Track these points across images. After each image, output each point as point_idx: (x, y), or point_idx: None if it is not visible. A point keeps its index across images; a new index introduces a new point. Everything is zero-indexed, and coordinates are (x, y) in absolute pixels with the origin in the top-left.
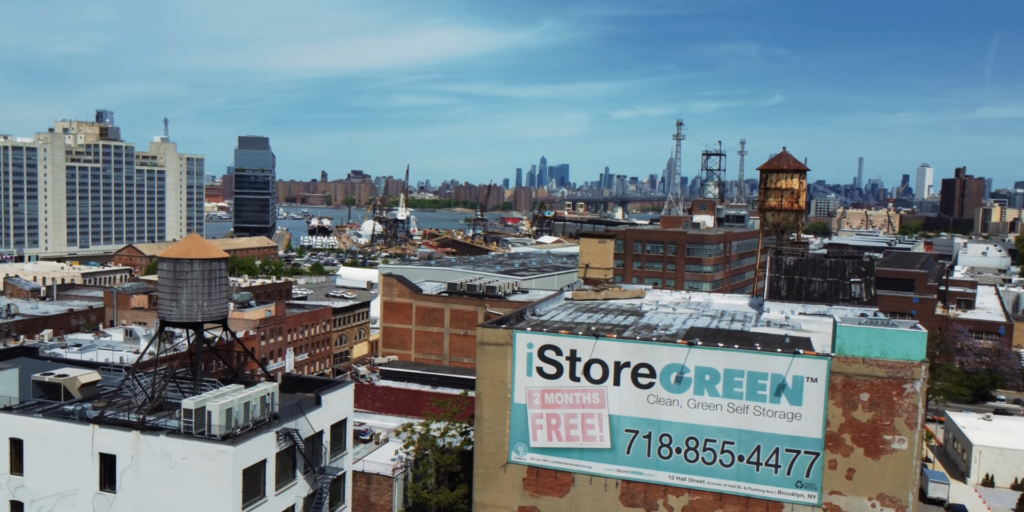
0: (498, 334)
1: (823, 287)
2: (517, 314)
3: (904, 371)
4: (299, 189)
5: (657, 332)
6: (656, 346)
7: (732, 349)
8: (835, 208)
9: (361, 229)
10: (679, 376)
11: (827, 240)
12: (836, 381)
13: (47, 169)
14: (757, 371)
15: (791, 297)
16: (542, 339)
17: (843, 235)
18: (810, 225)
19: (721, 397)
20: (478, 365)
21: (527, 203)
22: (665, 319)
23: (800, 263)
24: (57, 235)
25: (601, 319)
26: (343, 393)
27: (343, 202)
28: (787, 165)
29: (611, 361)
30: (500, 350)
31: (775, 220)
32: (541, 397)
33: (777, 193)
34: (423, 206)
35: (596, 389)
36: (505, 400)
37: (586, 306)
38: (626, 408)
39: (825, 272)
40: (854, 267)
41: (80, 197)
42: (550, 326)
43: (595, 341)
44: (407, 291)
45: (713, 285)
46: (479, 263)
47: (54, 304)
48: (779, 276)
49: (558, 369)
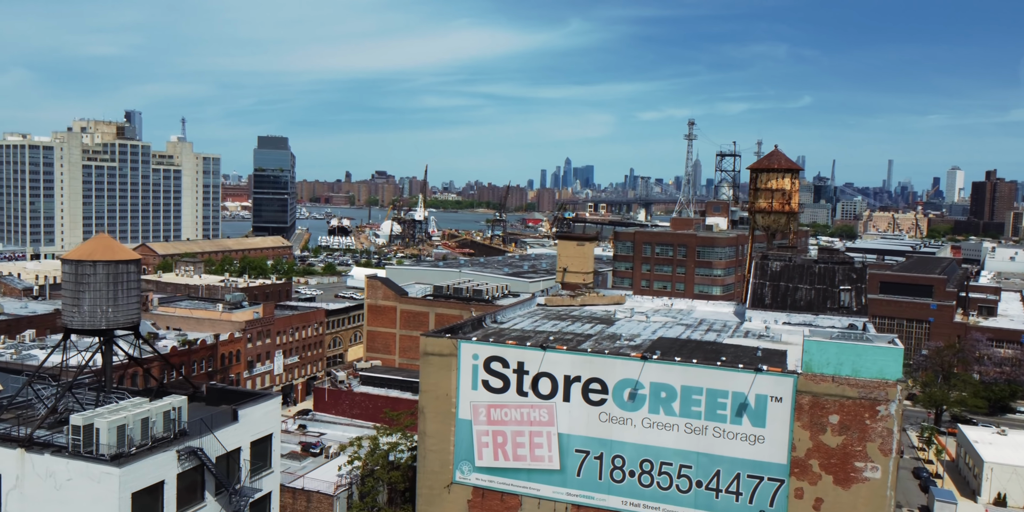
0: (442, 344)
1: (810, 295)
2: (474, 321)
3: (877, 391)
4: (323, 189)
5: (620, 343)
6: (608, 359)
7: (689, 364)
8: (862, 211)
9: (380, 229)
10: (633, 392)
11: (850, 243)
12: (803, 401)
13: (63, 168)
14: (717, 389)
15: (775, 305)
16: (488, 350)
17: (867, 238)
18: (836, 228)
19: (678, 416)
20: (421, 377)
21: (550, 204)
22: (635, 328)
23: (787, 269)
24: (73, 233)
25: (566, 327)
26: (266, 407)
27: (366, 202)
28: (778, 164)
29: (560, 375)
30: (444, 361)
31: (765, 222)
32: (487, 413)
33: (767, 194)
34: (446, 207)
35: (545, 405)
36: (450, 415)
37: (556, 313)
38: (576, 426)
39: (813, 279)
40: (844, 274)
41: (96, 196)
42: (500, 336)
43: (543, 353)
44: (391, 294)
45: (724, 289)
46: (488, 265)
47: (45, 303)
48: (763, 283)
49: (505, 383)
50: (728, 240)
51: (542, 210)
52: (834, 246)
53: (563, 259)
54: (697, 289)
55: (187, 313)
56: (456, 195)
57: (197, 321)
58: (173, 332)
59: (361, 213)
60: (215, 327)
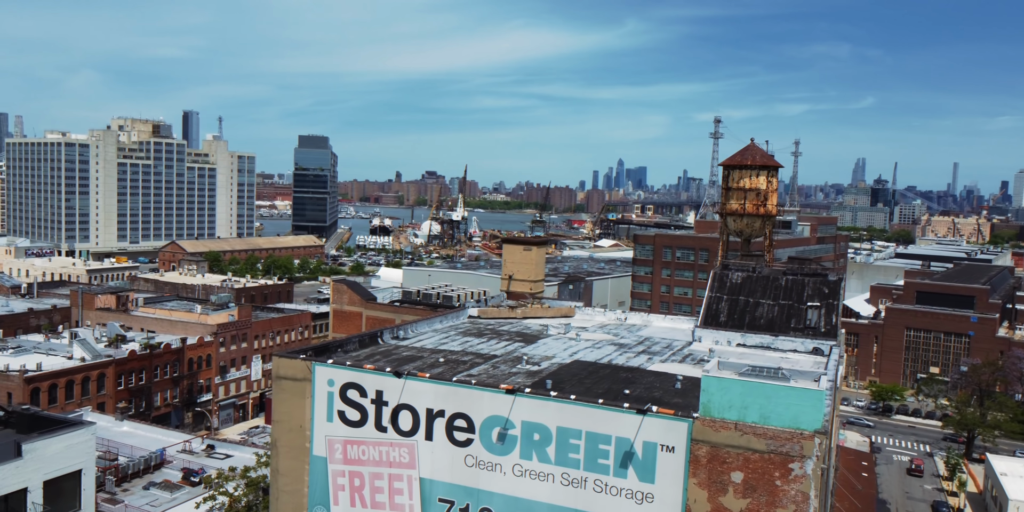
0: (295, 366)
1: (772, 312)
2: (368, 337)
3: (790, 445)
4: (374, 189)
5: (520, 367)
6: (475, 391)
7: (565, 401)
8: (920, 215)
9: (420, 229)
10: (502, 433)
11: (902, 249)
12: (699, 452)
13: (99, 165)
14: (597, 432)
15: (731, 323)
16: (345, 375)
17: (922, 244)
18: (893, 233)
19: (553, 464)
20: (274, 405)
21: (599, 205)
22: (555, 348)
23: (749, 281)
24: (108, 231)
25: (475, 346)
26: (71, 439)
27: (415, 202)
28: (751, 160)
29: (423, 408)
30: (298, 387)
31: (737, 227)
32: (343, 450)
33: (739, 194)
34: (493, 207)
35: (405, 444)
36: (304, 451)
37: (480, 328)
38: (440, 471)
39: (778, 293)
40: (815, 288)
41: (131, 193)
42: (384, 356)
43: (403, 381)
44: (357, 299)
45: None
46: None
47: (31, 302)
48: (720, 296)
49: (362, 415)
50: (755, 244)
51: (590, 211)
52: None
53: (509, 265)
54: None
55: (166, 315)
56: (505, 196)
57: (170, 323)
58: (148, 334)
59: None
60: (188, 330)
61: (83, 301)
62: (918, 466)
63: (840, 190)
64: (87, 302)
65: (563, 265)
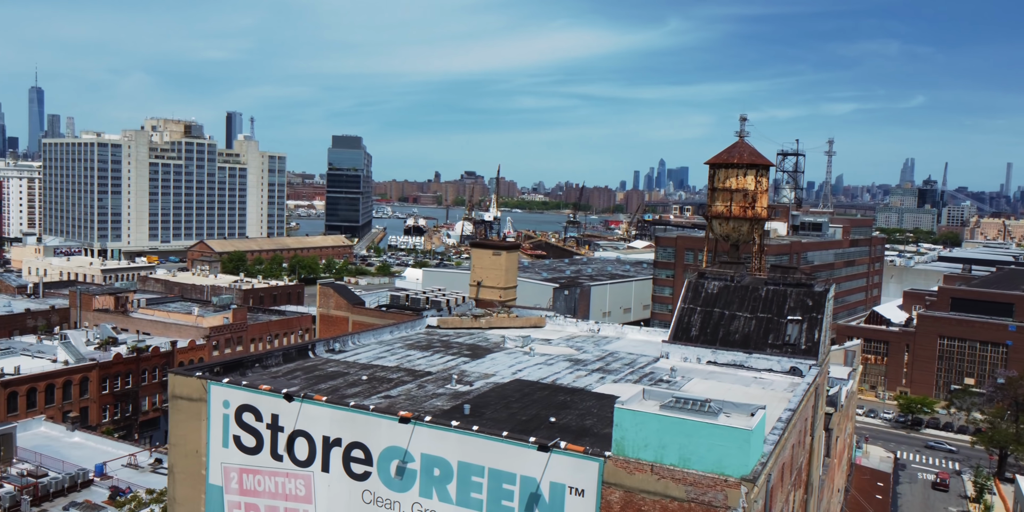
0: (190, 385)
1: (749, 326)
2: (298, 349)
3: (712, 493)
4: (412, 189)
5: (449, 387)
6: (372, 419)
7: (466, 432)
8: (969, 217)
9: (454, 230)
10: (401, 466)
11: (946, 252)
12: (611, 497)
13: (131, 165)
14: (501, 470)
15: (703, 338)
16: (240, 396)
17: (968, 247)
18: (940, 235)
19: (454, 504)
20: (170, 426)
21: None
22: (499, 365)
23: (726, 291)
24: (139, 230)
25: (417, 360)
26: None
27: (453, 202)
28: (738, 158)
29: (319, 435)
30: (194, 408)
31: (723, 231)
32: (239, 479)
33: (726, 195)
34: (531, 207)
35: (301, 474)
36: (200, 478)
37: (432, 340)
38: (337, 506)
39: (756, 305)
40: (797, 300)
41: (162, 193)
42: (305, 373)
43: (299, 405)
44: (344, 303)
45: None
46: (530, 269)
47: (34, 302)
48: (693, 308)
49: (258, 441)
50: (778, 247)
51: (629, 212)
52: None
53: (477, 271)
54: None
55: (164, 316)
56: (544, 196)
57: (165, 326)
58: (143, 337)
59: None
60: (182, 332)
61: (81, 302)
62: (943, 480)
63: (887, 191)
64: (85, 303)
65: (586, 267)
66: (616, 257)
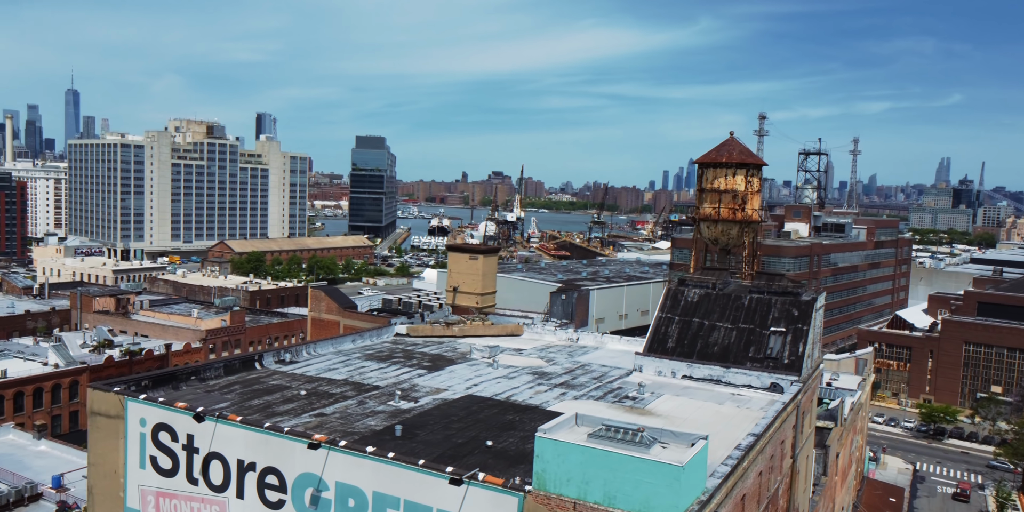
0: (108, 401)
1: (729, 338)
2: (242, 360)
3: None
4: (440, 189)
5: (393, 404)
6: (287, 442)
7: (383, 460)
8: (1006, 217)
9: (476, 230)
10: (316, 495)
11: (979, 253)
12: None
13: (154, 166)
14: (417, 502)
15: (679, 351)
16: (157, 414)
17: (1003, 248)
18: (975, 236)
19: None
20: (89, 444)
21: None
22: (456, 378)
23: (706, 300)
24: (162, 230)
25: (364, 374)
26: None
27: (480, 202)
28: (727, 157)
29: (234, 459)
30: (112, 425)
31: (711, 234)
32: (156, 503)
33: (714, 196)
34: (558, 207)
35: (216, 500)
36: (118, 501)
37: (393, 350)
38: None
39: (739, 315)
40: (782, 309)
41: (184, 193)
42: (243, 387)
43: (214, 425)
44: (335, 307)
45: None
46: (545, 270)
47: (38, 303)
48: (671, 318)
49: (174, 463)
50: (796, 249)
51: (657, 212)
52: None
53: (453, 276)
54: None
55: (164, 319)
56: (571, 196)
57: (163, 328)
58: (139, 339)
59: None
60: (179, 335)
61: (82, 304)
62: (964, 491)
63: (922, 191)
64: (85, 305)
65: (604, 268)
66: (636, 258)
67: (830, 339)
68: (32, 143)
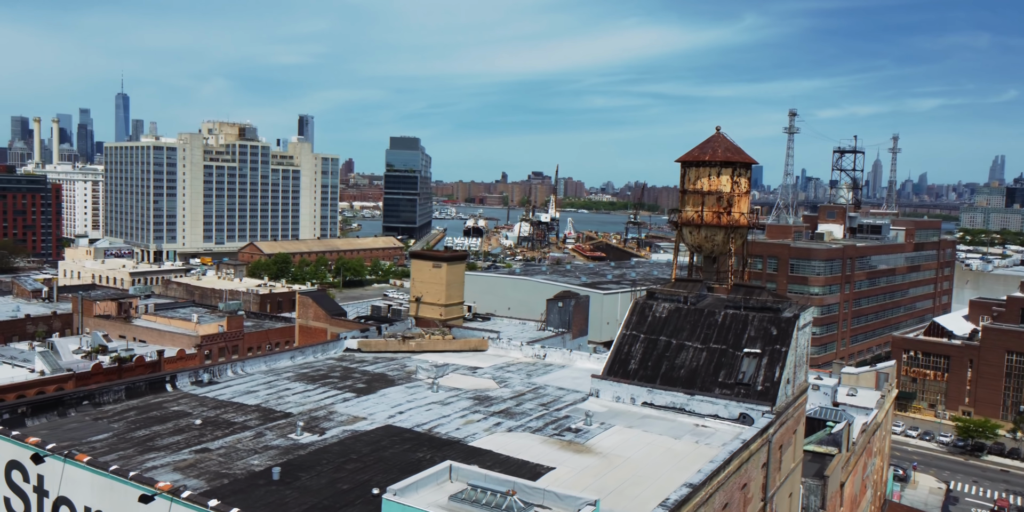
0: None
1: (698, 359)
2: (150, 382)
3: None
4: (479, 190)
5: (291, 438)
6: (128, 487)
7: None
8: None
9: (511, 231)
10: None
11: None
12: None
13: (186, 168)
14: None
15: (642, 374)
16: (9, 450)
17: None
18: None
19: None
20: None
21: None
22: (385, 403)
23: (676, 316)
24: (194, 231)
25: (283, 398)
26: None
27: (519, 203)
28: (711, 155)
29: (81, 505)
30: None
31: (694, 241)
32: None
33: (696, 198)
34: (599, 208)
35: None
36: None
37: (330, 368)
38: None
39: (710, 333)
40: (760, 327)
41: (216, 195)
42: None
43: (62, 465)
44: (323, 314)
45: (822, 311)
46: (570, 272)
47: (43, 306)
48: (636, 335)
49: (26, 507)
50: (828, 252)
51: None
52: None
53: (417, 285)
54: None
55: (165, 323)
56: (612, 196)
57: (160, 333)
58: (132, 344)
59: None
60: (175, 341)
61: (83, 307)
62: (1002, 509)
63: (975, 190)
64: (86, 309)
65: (631, 271)
66: (668, 260)
67: (865, 346)
68: (84, 146)
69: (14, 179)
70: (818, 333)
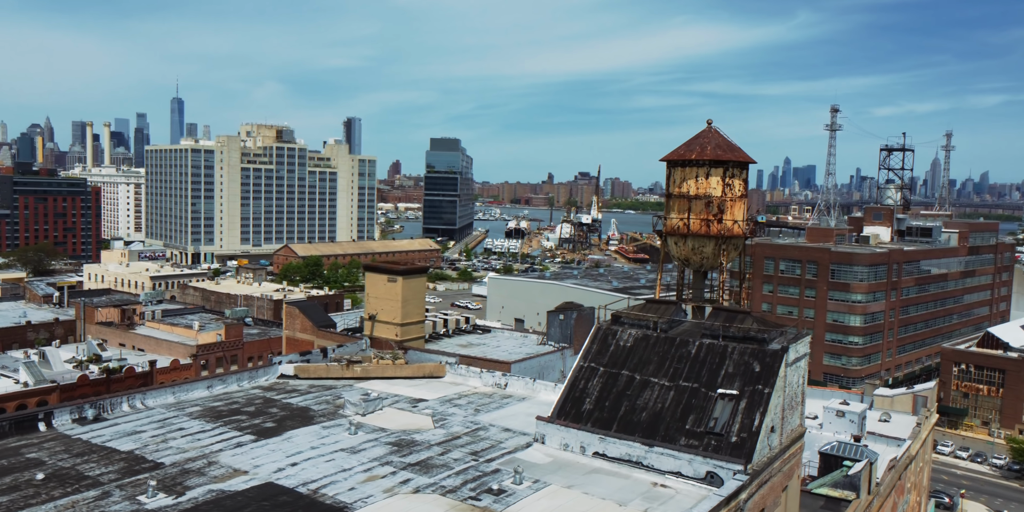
0: None
1: (664, 400)
2: (17, 421)
3: None
4: (525, 191)
5: (137, 502)
6: None
7: None
8: None
9: (553, 232)
10: None
11: None
12: None
13: (224, 171)
14: None
15: (597, 417)
16: None
17: None
18: None
19: None
20: None
21: (761, 206)
22: (282, 451)
23: (643, 345)
24: (231, 234)
25: (164, 444)
26: None
27: (564, 204)
28: (698, 153)
29: None
30: None
31: (681, 253)
32: None
33: (682, 203)
34: (646, 208)
35: None
36: None
37: (253, 399)
38: None
39: (680, 367)
40: (739, 361)
41: (254, 197)
42: None
43: None
44: (309, 326)
45: (866, 319)
46: (601, 277)
47: (52, 312)
48: (594, 369)
49: None
50: (872, 257)
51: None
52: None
53: (372, 302)
54: (831, 318)
55: (167, 331)
56: (659, 196)
57: (157, 342)
58: (127, 353)
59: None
60: (172, 350)
61: (85, 314)
62: None
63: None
64: (88, 315)
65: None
66: None
67: (914, 356)
68: (140, 150)
69: (55, 182)
70: (861, 343)
